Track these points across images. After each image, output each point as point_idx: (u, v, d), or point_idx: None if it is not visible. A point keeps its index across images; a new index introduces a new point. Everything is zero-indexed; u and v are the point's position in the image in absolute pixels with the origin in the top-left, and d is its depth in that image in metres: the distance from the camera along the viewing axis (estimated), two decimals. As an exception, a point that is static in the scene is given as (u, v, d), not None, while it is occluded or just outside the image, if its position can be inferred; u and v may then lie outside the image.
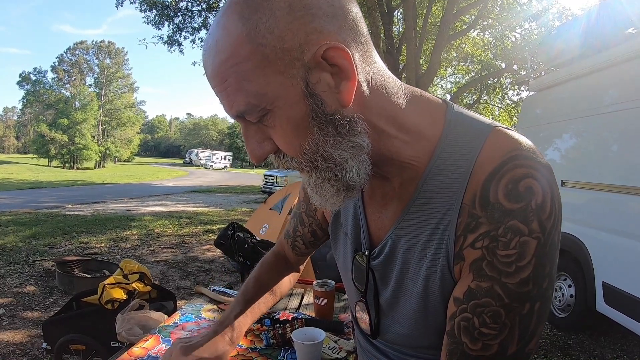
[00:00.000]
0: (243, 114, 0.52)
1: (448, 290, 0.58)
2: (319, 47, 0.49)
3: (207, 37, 0.53)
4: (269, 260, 1.04)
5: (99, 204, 11.81)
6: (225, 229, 3.10)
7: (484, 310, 0.53)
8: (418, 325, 0.64)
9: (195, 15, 11.23)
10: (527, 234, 0.50)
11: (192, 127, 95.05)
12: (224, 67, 0.50)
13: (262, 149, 0.56)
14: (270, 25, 0.48)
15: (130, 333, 2.18)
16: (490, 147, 0.55)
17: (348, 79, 0.51)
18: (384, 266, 0.67)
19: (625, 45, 3.23)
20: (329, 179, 0.56)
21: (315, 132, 0.52)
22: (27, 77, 49.03)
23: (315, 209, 0.90)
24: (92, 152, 47.03)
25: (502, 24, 11.13)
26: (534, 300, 0.52)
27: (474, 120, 0.60)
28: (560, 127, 4.05)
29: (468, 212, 0.54)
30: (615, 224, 3.16)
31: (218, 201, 14.02)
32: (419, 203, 0.60)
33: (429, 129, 0.59)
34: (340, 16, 0.51)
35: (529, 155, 0.53)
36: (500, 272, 0.52)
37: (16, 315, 3.64)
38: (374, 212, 0.69)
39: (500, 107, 15.67)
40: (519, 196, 0.51)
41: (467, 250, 0.55)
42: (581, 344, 3.52)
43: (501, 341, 0.53)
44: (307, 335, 1.19)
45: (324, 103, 0.51)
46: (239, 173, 43.42)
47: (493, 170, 0.53)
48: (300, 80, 0.50)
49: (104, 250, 6.10)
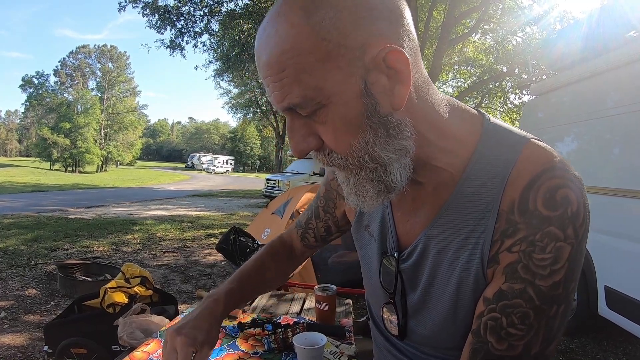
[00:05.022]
0: (295, 107, 0.52)
1: (480, 294, 0.59)
2: (380, 49, 0.50)
3: (264, 25, 0.52)
4: (275, 245, 1.02)
5: (101, 207, 11.82)
6: (227, 234, 3.10)
7: (514, 311, 0.54)
8: (446, 326, 0.65)
9: (197, 19, 11.28)
10: (562, 239, 0.53)
11: (194, 131, 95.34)
12: (284, 57, 0.50)
13: (306, 144, 0.56)
14: (336, 22, 0.48)
15: (132, 337, 2.19)
16: (527, 158, 0.57)
17: (403, 83, 0.52)
18: (414, 269, 0.68)
19: (626, 49, 3.23)
20: (372, 180, 0.57)
21: (368, 131, 0.53)
22: (30, 80, 49.31)
23: (335, 206, 0.91)
24: (94, 156, 47.15)
25: (504, 28, 11.14)
26: (560, 303, 0.54)
27: (510, 131, 0.62)
28: (561, 130, 4.05)
29: (506, 218, 0.56)
30: (618, 227, 3.15)
31: (220, 205, 14.02)
32: (453, 207, 0.61)
33: (466, 137, 0.61)
34: (399, 22, 0.52)
35: (563, 167, 0.56)
36: (535, 275, 0.54)
37: (17, 318, 3.64)
38: (404, 216, 0.70)
39: (501, 111, 15.67)
40: (557, 204, 0.53)
41: (503, 254, 0.56)
42: (583, 348, 3.50)
43: (526, 342, 0.54)
44: (308, 340, 1.19)
45: (379, 104, 0.52)
46: (241, 177, 43.47)
47: (531, 180, 0.55)
48: (359, 79, 0.50)
49: (106, 254, 6.10)
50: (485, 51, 12.96)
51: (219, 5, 11.28)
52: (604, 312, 3.23)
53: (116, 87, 52.88)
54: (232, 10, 11.25)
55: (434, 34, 11.00)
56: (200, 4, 11.10)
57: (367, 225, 0.79)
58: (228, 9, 11.30)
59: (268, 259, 0.99)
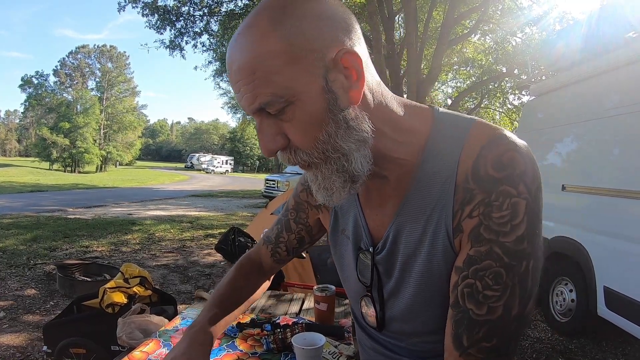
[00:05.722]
0: (266, 106, 0.57)
1: (452, 266, 0.63)
2: (338, 51, 0.57)
3: (236, 37, 0.58)
4: (244, 265, 1.03)
5: (100, 207, 11.82)
6: (226, 234, 3.09)
7: (486, 273, 0.58)
8: (423, 310, 0.69)
9: (197, 20, 11.26)
10: (516, 195, 0.57)
11: (194, 131, 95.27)
12: (255, 60, 0.55)
13: (274, 143, 0.61)
14: (300, 30, 0.55)
15: (131, 337, 2.19)
16: (475, 135, 0.63)
17: (358, 80, 0.58)
18: (388, 259, 0.72)
19: (625, 49, 3.24)
20: (337, 170, 0.61)
21: (330, 124, 0.58)
22: (30, 80, 49.23)
23: (307, 216, 0.94)
24: (93, 156, 47.09)
25: (503, 28, 11.13)
26: (529, 258, 0.58)
27: (457, 117, 0.68)
28: (561, 131, 4.05)
29: (462, 189, 0.61)
30: (617, 228, 3.15)
31: (219, 205, 14.02)
32: (415, 191, 0.66)
33: (419, 128, 0.67)
34: (352, 31, 0.60)
35: (508, 136, 0.62)
36: (498, 233, 0.58)
37: (17, 319, 3.64)
38: (372, 211, 0.75)
39: (501, 111, 15.65)
40: (505, 166, 0.58)
41: (465, 221, 0.61)
42: (582, 349, 3.51)
43: (505, 303, 0.57)
44: (307, 340, 1.19)
45: (339, 99, 0.58)
46: (240, 177, 43.49)
47: (479, 151, 0.61)
48: (321, 78, 0.57)
49: (105, 254, 6.10)
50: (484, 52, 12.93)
51: (219, 5, 11.26)
52: (603, 312, 3.24)
53: (116, 87, 52.77)
54: (232, 10, 11.24)
55: (434, 35, 10.98)
56: (199, 4, 11.09)
57: (344, 229, 0.82)
58: (227, 9, 11.28)
59: (240, 279, 1.00)
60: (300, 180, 0.96)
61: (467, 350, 0.59)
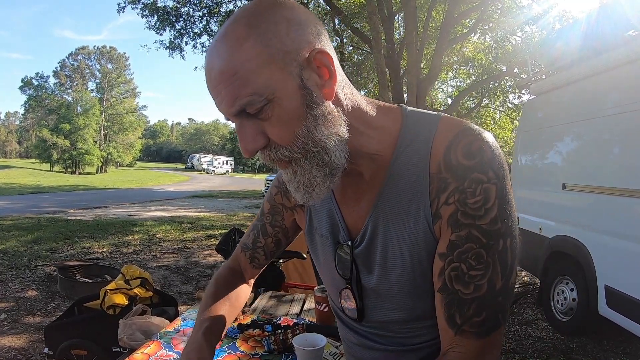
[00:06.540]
0: (245, 106, 0.60)
1: (434, 252, 0.67)
2: (311, 51, 0.61)
3: (214, 44, 0.61)
4: (225, 275, 1.02)
5: (101, 208, 11.83)
6: (227, 234, 3.09)
7: (468, 255, 0.63)
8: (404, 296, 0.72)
9: (196, 20, 11.26)
10: (487, 181, 0.62)
11: (194, 132, 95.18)
12: (234, 63, 0.58)
13: (255, 142, 0.63)
14: (275, 33, 0.59)
15: (132, 338, 2.19)
16: (443, 129, 0.68)
17: (331, 77, 0.62)
18: (366, 252, 0.75)
19: (625, 48, 3.24)
20: (317, 163, 0.64)
21: (309, 118, 0.61)
22: (30, 82, 49.29)
23: (282, 218, 0.96)
24: (93, 157, 47.11)
25: (503, 28, 11.11)
26: (505, 237, 0.63)
27: (425, 114, 0.73)
28: (561, 130, 4.05)
29: (437, 178, 0.66)
30: (617, 227, 3.15)
31: (220, 206, 14.03)
32: (390, 185, 0.70)
33: (390, 125, 0.71)
34: (321, 35, 0.64)
35: (473, 128, 0.67)
36: (474, 217, 0.63)
37: (18, 320, 3.65)
38: (349, 208, 0.78)
39: (501, 110, 15.63)
40: (474, 154, 0.64)
41: (442, 208, 0.65)
42: (584, 348, 3.51)
43: (489, 279, 0.63)
44: (308, 341, 1.19)
45: (315, 95, 0.61)
46: (241, 178, 43.50)
47: (449, 142, 0.66)
48: (297, 76, 0.60)
49: (106, 255, 6.10)
50: (484, 51, 12.92)
51: (218, 6, 11.27)
52: (604, 311, 3.23)
53: (116, 88, 52.80)
54: (231, 11, 11.22)
55: (433, 34, 10.97)
56: (199, 4, 11.09)
57: (317, 228, 0.85)
58: (227, 10, 11.28)
59: (223, 290, 0.98)
60: (274, 183, 0.98)
61: (461, 327, 0.64)
